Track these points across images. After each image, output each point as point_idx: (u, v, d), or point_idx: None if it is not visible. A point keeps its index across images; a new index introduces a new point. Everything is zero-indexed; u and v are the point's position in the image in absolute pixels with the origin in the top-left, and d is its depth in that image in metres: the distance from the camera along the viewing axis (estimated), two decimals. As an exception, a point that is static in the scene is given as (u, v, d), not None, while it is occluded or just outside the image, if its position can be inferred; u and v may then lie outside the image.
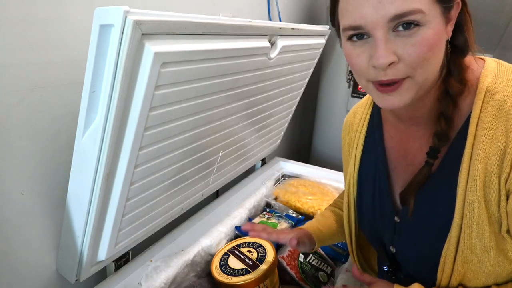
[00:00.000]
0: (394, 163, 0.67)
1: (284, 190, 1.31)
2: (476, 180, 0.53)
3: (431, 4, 0.47)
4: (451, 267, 0.57)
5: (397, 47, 0.48)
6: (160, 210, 0.89)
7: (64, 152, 0.77)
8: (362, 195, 0.75)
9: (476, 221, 0.53)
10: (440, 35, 0.49)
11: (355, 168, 0.75)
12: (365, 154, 0.73)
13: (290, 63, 1.10)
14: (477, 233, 0.54)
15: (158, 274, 0.86)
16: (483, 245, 0.54)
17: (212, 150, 0.97)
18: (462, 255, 0.55)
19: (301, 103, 1.82)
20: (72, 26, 0.73)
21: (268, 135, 1.34)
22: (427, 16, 0.47)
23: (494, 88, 0.53)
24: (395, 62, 0.49)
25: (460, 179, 0.54)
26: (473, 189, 0.53)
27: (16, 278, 0.76)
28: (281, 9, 1.53)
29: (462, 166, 0.54)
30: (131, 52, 0.55)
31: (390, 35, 0.48)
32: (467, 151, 0.53)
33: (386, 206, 0.68)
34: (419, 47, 0.48)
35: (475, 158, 0.53)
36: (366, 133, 0.73)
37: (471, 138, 0.53)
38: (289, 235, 0.76)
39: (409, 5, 0.46)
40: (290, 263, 0.98)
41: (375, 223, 0.72)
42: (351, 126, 0.77)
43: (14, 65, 0.66)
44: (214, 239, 1.01)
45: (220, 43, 0.73)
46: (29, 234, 0.76)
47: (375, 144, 0.70)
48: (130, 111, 0.62)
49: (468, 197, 0.54)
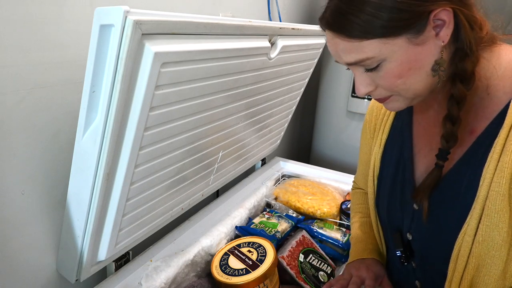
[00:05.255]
0: (418, 148, 0.68)
1: (284, 190, 1.31)
2: (504, 172, 0.52)
3: (383, 45, 0.51)
4: (465, 259, 0.56)
5: (371, 79, 0.56)
6: (160, 210, 0.89)
7: (64, 152, 0.77)
8: (382, 178, 0.75)
9: (497, 214, 0.53)
10: (409, 61, 0.52)
11: (380, 151, 0.75)
12: (391, 138, 0.74)
13: (290, 63, 1.10)
14: (496, 226, 0.53)
15: (158, 274, 0.86)
16: (501, 239, 0.53)
17: (212, 150, 0.97)
18: (479, 246, 0.55)
19: (301, 103, 1.83)
20: (72, 26, 0.73)
21: (268, 135, 1.34)
22: (381, 56, 0.52)
23: None
24: (372, 90, 0.56)
25: (488, 170, 0.53)
26: (500, 181, 0.52)
27: (16, 278, 0.76)
28: (281, 9, 1.53)
29: (492, 157, 0.53)
30: (131, 52, 0.55)
31: (362, 71, 0.56)
32: (500, 142, 0.52)
33: (407, 192, 0.67)
34: (387, 79, 0.54)
35: (507, 149, 0.52)
36: (394, 117, 0.74)
37: (506, 129, 0.52)
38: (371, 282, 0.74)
39: (357, 56, 0.53)
40: (290, 263, 0.98)
41: (394, 208, 0.71)
42: (379, 109, 0.77)
43: (14, 65, 0.66)
44: (214, 239, 1.01)
45: (220, 43, 0.73)
46: (29, 234, 0.76)
47: (403, 130, 0.71)
48: (130, 111, 0.62)
49: (493, 189, 0.53)
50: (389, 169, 0.72)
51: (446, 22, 0.51)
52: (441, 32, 0.52)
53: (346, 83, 1.69)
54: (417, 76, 0.54)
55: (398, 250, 0.69)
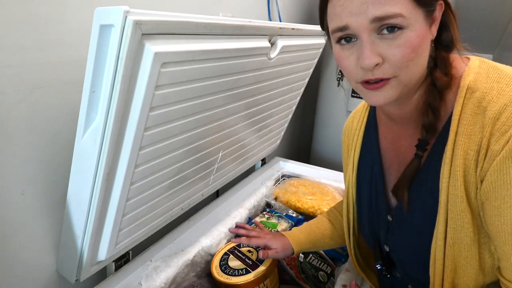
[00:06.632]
0: (387, 162, 0.69)
1: (284, 190, 1.31)
2: (457, 175, 0.54)
3: (413, 9, 0.50)
4: (441, 262, 0.58)
5: (382, 49, 0.51)
6: (160, 210, 0.89)
7: (64, 152, 0.77)
8: (361, 197, 0.76)
9: (460, 215, 0.55)
10: (423, 37, 0.52)
11: (354, 171, 0.76)
12: (363, 157, 0.75)
13: (290, 63, 1.10)
14: (462, 227, 0.55)
15: (158, 274, 0.86)
16: (469, 239, 0.55)
17: (212, 150, 0.97)
18: (451, 249, 0.56)
19: (301, 103, 1.83)
20: (72, 26, 0.73)
21: (268, 135, 1.34)
22: (408, 20, 0.50)
23: (475, 86, 0.55)
24: (380, 63, 0.52)
25: (443, 175, 0.55)
26: (455, 184, 0.54)
27: (16, 278, 0.76)
28: (281, 9, 1.53)
29: (445, 162, 0.55)
30: (131, 52, 0.55)
31: (375, 37, 0.51)
32: (449, 147, 0.55)
33: (380, 205, 0.69)
34: (403, 48, 0.51)
35: (456, 153, 0.54)
36: (364, 136, 0.75)
37: (452, 135, 0.55)
38: (262, 241, 0.85)
39: (391, 9, 0.49)
40: (290, 263, 0.98)
41: (372, 223, 0.73)
42: (350, 130, 0.79)
43: (14, 65, 0.66)
44: (214, 239, 1.01)
45: (220, 43, 0.73)
46: (29, 234, 0.76)
47: (372, 146, 0.72)
48: (130, 111, 0.62)
49: (451, 192, 0.55)
50: (365, 187, 0.74)
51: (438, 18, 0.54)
52: (433, 26, 0.54)
53: (346, 83, 1.69)
54: (423, 57, 0.54)
55: (377, 264, 0.71)
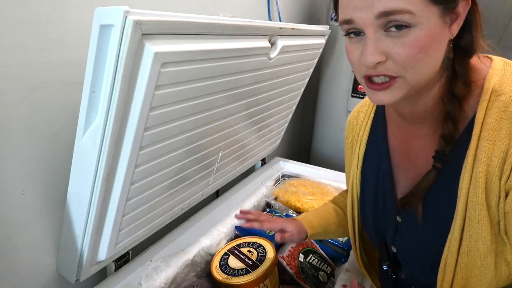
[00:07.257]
0: (397, 161, 0.67)
1: (284, 190, 1.31)
2: (478, 182, 0.52)
3: (425, 5, 0.47)
4: (452, 270, 0.56)
5: (387, 46, 0.49)
6: (160, 210, 0.89)
7: (64, 152, 0.77)
8: (365, 193, 0.74)
9: (478, 223, 0.53)
10: (435, 37, 0.49)
11: (358, 167, 0.74)
12: (368, 153, 0.73)
13: (290, 63, 1.10)
14: (479, 236, 0.53)
15: (158, 274, 0.86)
16: (485, 248, 0.53)
17: (212, 150, 0.97)
18: (465, 257, 0.55)
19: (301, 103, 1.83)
20: (72, 26, 0.73)
21: (268, 135, 1.34)
22: (418, 17, 0.46)
23: (500, 89, 0.52)
24: (382, 62, 0.49)
25: (463, 181, 0.53)
26: (476, 191, 0.52)
27: (16, 278, 0.76)
28: (281, 9, 1.53)
29: (465, 168, 0.53)
30: (131, 52, 0.55)
31: (380, 34, 0.49)
32: (471, 153, 0.53)
33: (389, 205, 0.67)
34: (409, 48, 0.48)
35: (478, 159, 0.52)
36: (370, 131, 0.73)
37: (475, 140, 0.52)
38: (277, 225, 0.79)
39: (398, 4, 0.46)
40: (290, 263, 0.98)
41: (377, 221, 0.71)
42: (355, 125, 0.77)
43: (14, 65, 0.66)
44: (214, 239, 1.01)
45: (220, 43, 0.73)
46: (29, 234, 0.76)
47: (379, 143, 0.70)
48: (130, 111, 0.62)
49: (470, 199, 0.53)
50: (370, 184, 0.72)
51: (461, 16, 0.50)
52: (454, 25, 0.51)
53: (346, 83, 1.69)
54: (433, 58, 0.51)
55: (384, 264, 0.69)
